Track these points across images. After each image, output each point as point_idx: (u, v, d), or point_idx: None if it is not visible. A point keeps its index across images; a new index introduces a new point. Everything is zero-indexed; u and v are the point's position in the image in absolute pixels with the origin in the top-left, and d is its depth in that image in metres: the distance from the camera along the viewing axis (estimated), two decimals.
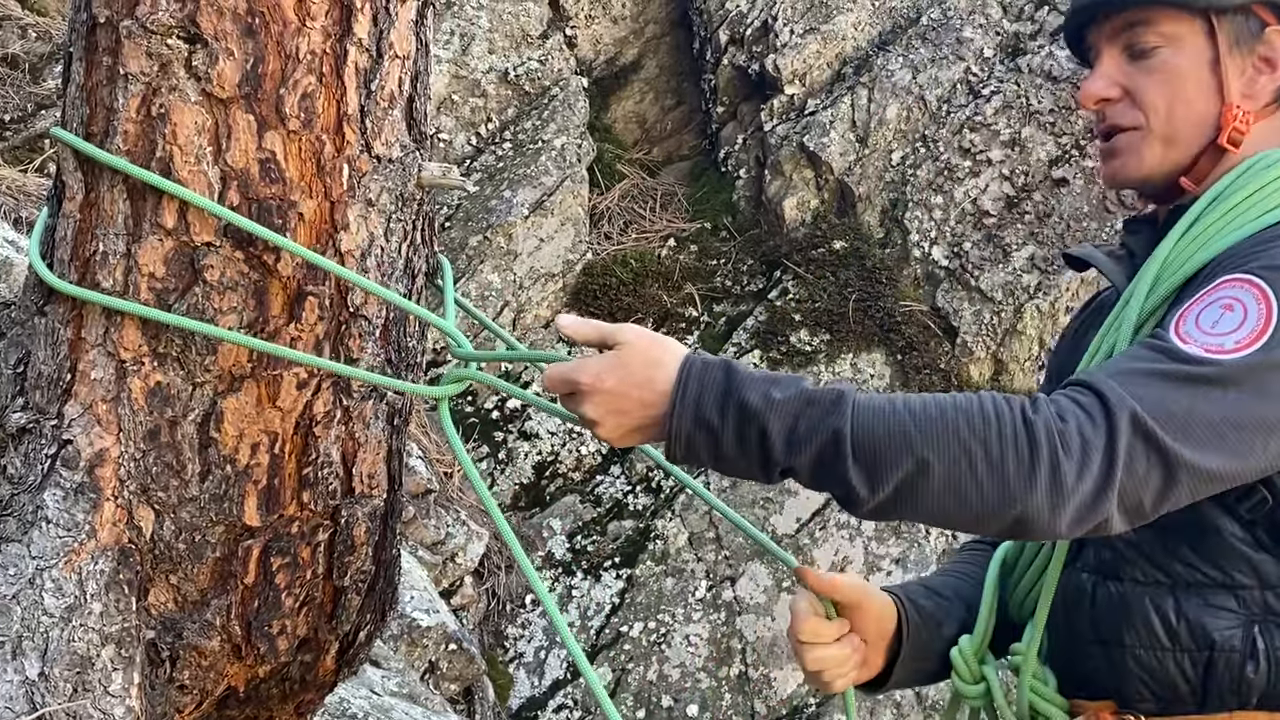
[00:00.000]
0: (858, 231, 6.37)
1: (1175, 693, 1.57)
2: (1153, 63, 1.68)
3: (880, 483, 1.40)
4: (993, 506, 1.39)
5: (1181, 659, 1.56)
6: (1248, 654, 1.52)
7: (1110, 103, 1.71)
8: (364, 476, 1.67)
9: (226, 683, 1.67)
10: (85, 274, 1.54)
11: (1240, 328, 1.42)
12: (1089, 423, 1.38)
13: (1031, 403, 1.41)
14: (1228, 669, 1.53)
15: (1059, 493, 1.37)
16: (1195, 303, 1.47)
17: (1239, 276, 1.46)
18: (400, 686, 3.68)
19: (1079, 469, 1.37)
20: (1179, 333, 1.45)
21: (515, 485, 5.85)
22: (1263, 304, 1.42)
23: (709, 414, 1.43)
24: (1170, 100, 1.66)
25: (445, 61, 6.54)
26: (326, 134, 1.56)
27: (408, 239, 1.67)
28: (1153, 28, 1.67)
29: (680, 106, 7.45)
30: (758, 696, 5.20)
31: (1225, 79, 1.65)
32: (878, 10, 6.81)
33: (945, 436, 1.39)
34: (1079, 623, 1.66)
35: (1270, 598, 1.53)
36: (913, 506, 1.42)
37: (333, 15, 1.56)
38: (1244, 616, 1.53)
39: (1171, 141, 1.67)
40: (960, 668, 1.76)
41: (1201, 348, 1.41)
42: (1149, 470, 1.38)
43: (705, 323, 6.29)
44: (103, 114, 1.53)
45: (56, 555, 1.51)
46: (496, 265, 6.16)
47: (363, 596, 1.73)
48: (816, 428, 1.42)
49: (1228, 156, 1.66)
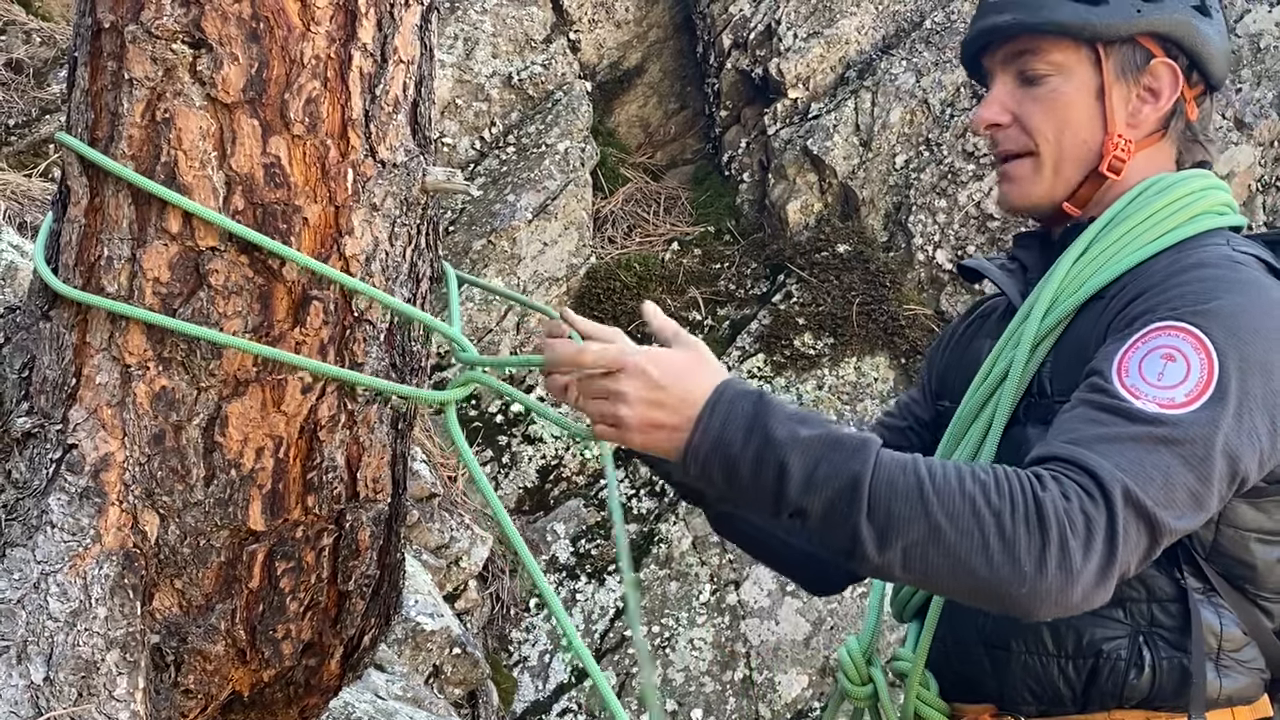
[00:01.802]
0: (861, 235, 6.37)
1: (1057, 696, 1.61)
2: (1041, 90, 1.73)
3: (890, 540, 1.40)
4: (1001, 581, 1.39)
5: (1066, 665, 1.60)
6: (1132, 662, 1.57)
7: (1001, 128, 1.76)
8: (368, 481, 1.67)
9: (231, 687, 1.67)
10: (90, 279, 1.54)
11: (1186, 380, 1.46)
12: (1090, 502, 1.40)
13: (1038, 480, 1.42)
14: (1111, 676, 1.58)
15: (1067, 571, 1.38)
16: (1131, 348, 1.50)
17: (1172, 325, 1.50)
18: (404, 690, 3.68)
19: (1085, 549, 1.39)
20: (1125, 385, 1.48)
21: (519, 489, 5.85)
22: (1202, 353, 1.47)
23: (731, 439, 1.43)
24: (1058, 128, 1.72)
25: (449, 66, 6.54)
26: (331, 139, 1.56)
27: (412, 243, 1.67)
28: (1042, 56, 1.73)
29: (684, 110, 7.45)
30: (762, 701, 5.19)
31: (1110, 108, 1.71)
32: (881, 14, 6.80)
33: (961, 505, 1.39)
34: (966, 627, 1.69)
35: (1157, 610, 1.59)
36: (916, 570, 1.41)
37: (337, 20, 1.56)
38: (1130, 628, 1.59)
39: (1059, 168, 1.72)
40: (849, 669, 1.79)
41: (1155, 403, 1.45)
42: (1139, 540, 1.42)
43: (709, 326, 6.29)
44: (107, 119, 1.53)
45: (61, 559, 1.51)
46: (500, 269, 6.16)
47: (367, 601, 1.73)
48: (837, 472, 1.41)
49: (1111, 183, 1.72)
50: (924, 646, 1.70)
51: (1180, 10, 1.72)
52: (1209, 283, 1.54)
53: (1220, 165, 6.06)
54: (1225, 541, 1.60)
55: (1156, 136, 1.74)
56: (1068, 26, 1.70)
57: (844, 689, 1.79)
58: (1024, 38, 1.74)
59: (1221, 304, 1.51)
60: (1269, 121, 6.12)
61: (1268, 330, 1.51)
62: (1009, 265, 1.84)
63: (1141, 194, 1.69)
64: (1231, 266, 1.57)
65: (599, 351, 1.48)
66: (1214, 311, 1.50)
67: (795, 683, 5.23)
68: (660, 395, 1.45)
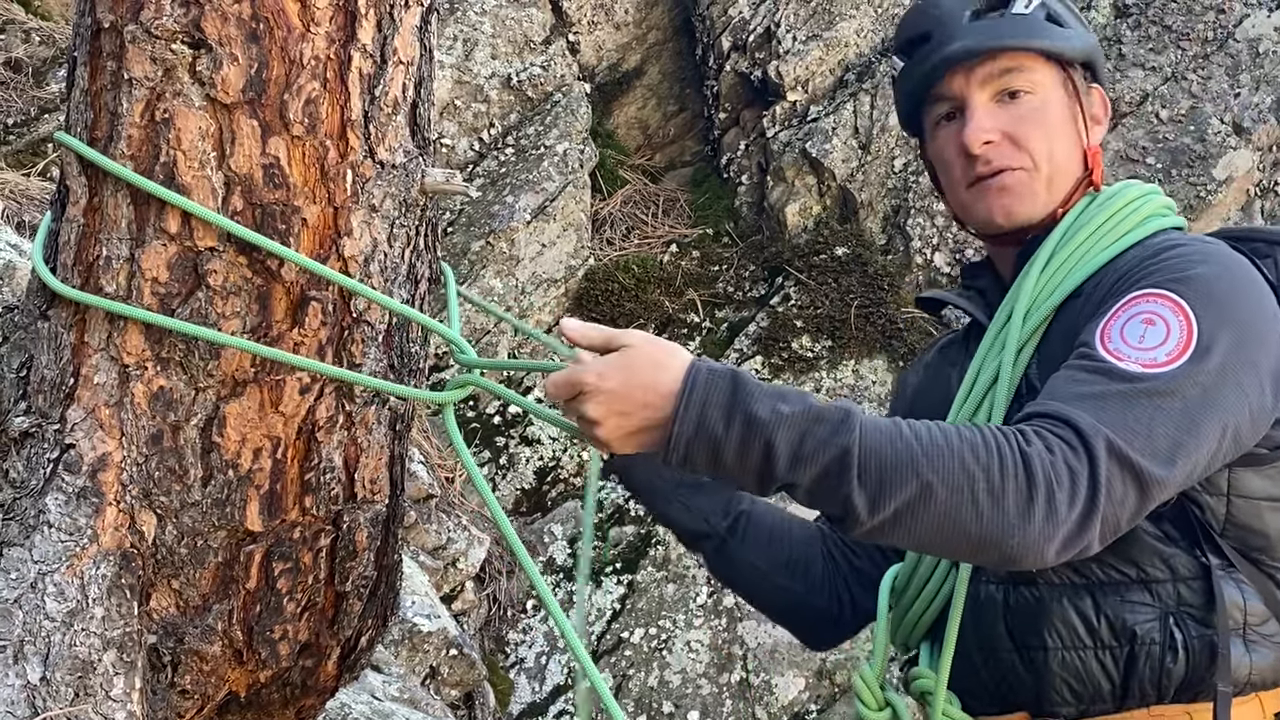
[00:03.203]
0: (860, 238, 6.37)
1: (1098, 691, 1.62)
2: (1027, 109, 1.80)
3: (882, 504, 1.42)
4: (991, 535, 1.42)
5: (1104, 656, 1.62)
6: (1166, 645, 1.60)
7: (994, 145, 1.79)
8: (366, 481, 1.67)
9: (228, 688, 1.67)
10: (89, 278, 1.54)
11: (1166, 341, 1.51)
12: (1072, 453, 1.43)
13: (1022, 435, 1.45)
14: (1148, 662, 1.60)
15: (1053, 523, 1.42)
16: (1113, 318, 1.57)
17: (1151, 292, 1.56)
18: (401, 692, 3.68)
19: (1069, 499, 1.42)
20: (1108, 349, 1.53)
21: (517, 490, 5.85)
22: (1180, 316, 1.53)
23: (713, 423, 1.43)
24: (1050, 143, 1.79)
25: (448, 67, 6.54)
26: (330, 139, 1.56)
27: (411, 244, 1.67)
28: (1026, 74, 1.80)
29: (683, 112, 7.45)
30: (759, 703, 5.19)
31: (1081, 124, 1.82)
32: (880, 17, 6.81)
33: (950, 463, 1.42)
34: (992, 634, 1.69)
35: (1183, 590, 1.61)
36: (909, 530, 1.43)
37: (337, 21, 1.56)
38: (1159, 610, 1.61)
39: (1053, 180, 1.79)
40: (865, 695, 1.77)
41: (1138, 363, 1.50)
42: (1126, 492, 1.45)
43: (707, 329, 6.29)
44: (107, 119, 1.53)
45: (58, 559, 1.51)
46: (499, 270, 6.16)
47: (364, 602, 1.73)
48: (824, 445, 1.43)
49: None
50: (945, 661, 1.69)
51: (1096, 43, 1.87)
52: (1184, 258, 1.61)
53: (1219, 170, 6.07)
54: (1238, 513, 1.63)
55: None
56: (1052, 47, 1.80)
57: (861, 716, 1.77)
58: (1007, 56, 1.79)
59: (1198, 272, 1.57)
60: (1267, 126, 6.12)
61: (1245, 292, 1.58)
62: (966, 294, 1.91)
63: (1090, 205, 1.78)
64: (1204, 242, 1.66)
65: (556, 384, 1.49)
66: (1191, 278, 1.57)
67: (792, 685, 5.23)
68: (625, 405, 1.45)
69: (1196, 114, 6.21)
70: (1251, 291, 1.59)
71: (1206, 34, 6.39)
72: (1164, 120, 6.25)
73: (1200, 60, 6.35)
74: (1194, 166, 6.10)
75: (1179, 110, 6.25)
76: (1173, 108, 6.26)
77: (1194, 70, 6.33)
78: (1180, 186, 6.06)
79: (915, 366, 2.05)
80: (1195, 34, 6.40)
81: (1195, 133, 6.17)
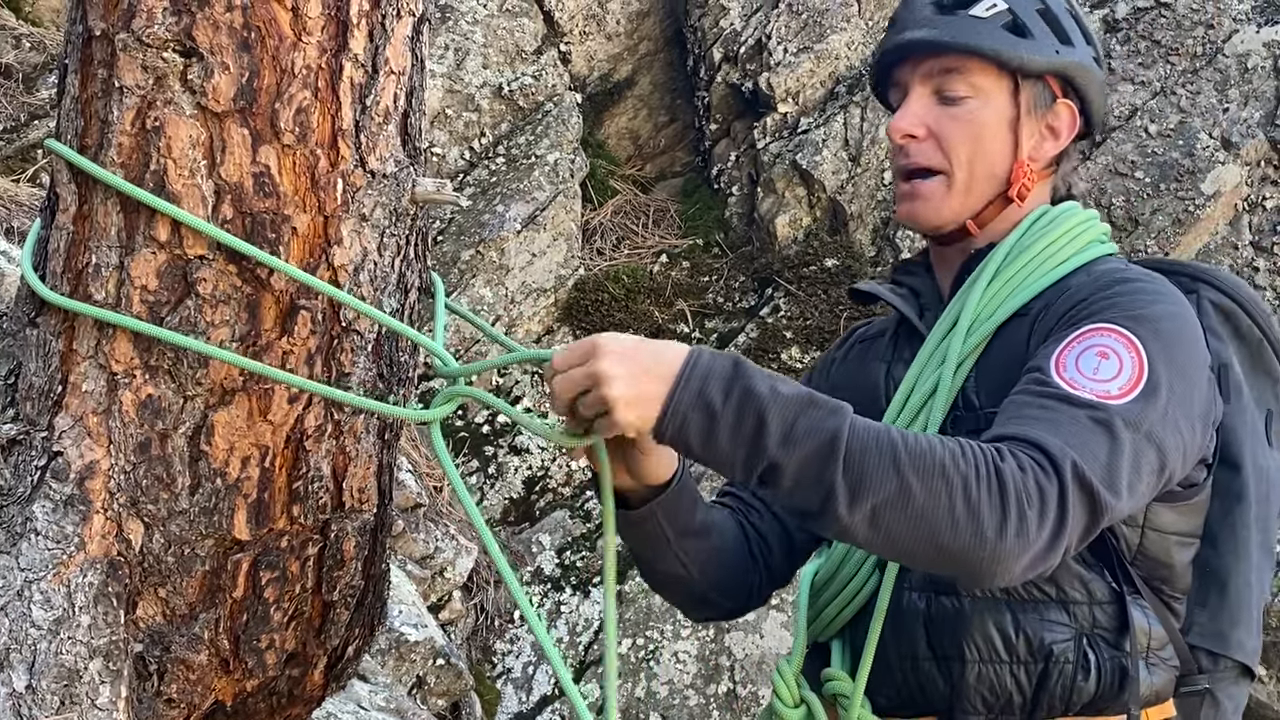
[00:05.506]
0: (850, 249, 6.39)
1: (1009, 703, 1.66)
2: (960, 111, 1.80)
3: (862, 498, 1.43)
4: (963, 545, 1.44)
5: (1018, 670, 1.66)
6: (1079, 664, 1.65)
7: (916, 140, 1.81)
8: (354, 491, 1.67)
9: (214, 697, 1.67)
10: (78, 286, 1.54)
11: (1119, 375, 1.56)
12: (1043, 474, 1.46)
13: (997, 452, 1.48)
14: (1060, 679, 1.64)
15: (1024, 540, 1.44)
16: (1067, 347, 1.60)
17: (1105, 326, 1.60)
18: (387, 701, 3.67)
19: (1039, 519, 1.45)
20: (1063, 377, 1.57)
21: (505, 500, 5.84)
22: (1133, 353, 1.57)
23: (712, 394, 1.45)
24: (973, 150, 1.79)
25: (439, 76, 6.55)
26: (321, 148, 1.56)
27: (401, 254, 1.67)
28: (966, 77, 1.79)
29: (673, 123, 7.47)
30: (746, 714, 5.19)
31: (1020, 138, 1.80)
32: (871, 30, 6.83)
33: (931, 468, 1.44)
34: (910, 640, 1.71)
35: (1098, 612, 1.67)
36: (882, 530, 1.45)
37: (329, 30, 1.56)
38: (1075, 630, 1.66)
39: (969, 190, 1.80)
40: (782, 691, 1.79)
41: (1092, 393, 1.54)
42: (1082, 514, 1.48)
43: (696, 339, 6.29)
44: (97, 126, 1.53)
45: (45, 567, 1.50)
46: (489, 280, 6.16)
47: (351, 611, 1.73)
48: (815, 428, 1.45)
49: (1011, 209, 1.82)
50: (864, 667, 1.71)
51: (1084, 57, 1.84)
52: (1136, 295, 1.65)
53: (1207, 184, 6.09)
54: (1150, 545, 1.69)
55: (1048, 172, 1.86)
56: (999, 55, 1.78)
57: (777, 711, 1.79)
58: (951, 56, 1.79)
59: (1149, 312, 1.62)
60: (1255, 142, 6.15)
61: (1186, 338, 1.63)
62: (898, 290, 1.91)
63: (1034, 224, 1.80)
64: (1151, 279, 1.69)
65: (572, 349, 1.50)
66: (1144, 318, 1.61)
67: None
68: (635, 364, 1.46)
69: (1185, 129, 6.24)
70: (1191, 334, 1.64)
71: (1196, 49, 6.43)
72: (1153, 134, 6.28)
73: (1189, 75, 6.38)
74: (1182, 181, 6.12)
75: (1168, 125, 6.28)
76: (1162, 122, 6.29)
77: (1183, 85, 6.36)
78: (1169, 201, 6.09)
79: (834, 352, 2.04)
80: (1184, 49, 6.43)
81: (1184, 147, 6.19)
